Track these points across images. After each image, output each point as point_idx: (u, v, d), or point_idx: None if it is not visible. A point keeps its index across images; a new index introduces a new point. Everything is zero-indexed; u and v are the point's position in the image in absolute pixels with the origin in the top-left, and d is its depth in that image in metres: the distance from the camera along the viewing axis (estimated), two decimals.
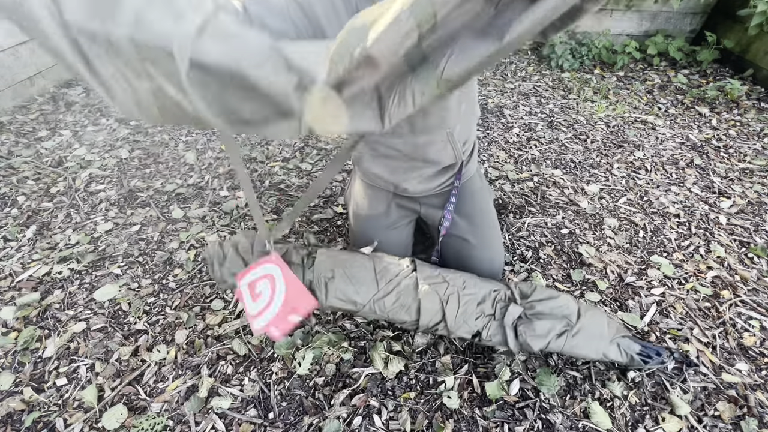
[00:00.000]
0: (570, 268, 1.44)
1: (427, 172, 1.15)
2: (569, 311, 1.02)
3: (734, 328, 1.24)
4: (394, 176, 1.16)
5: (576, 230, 1.60)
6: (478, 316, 1.02)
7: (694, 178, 1.88)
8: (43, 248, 1.51)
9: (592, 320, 1.03)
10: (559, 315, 1.02)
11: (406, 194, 1.21)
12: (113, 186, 1.84)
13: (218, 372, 1.13)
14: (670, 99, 2.56)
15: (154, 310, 1.31)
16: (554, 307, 1.02)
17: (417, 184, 1.17)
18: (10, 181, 1.82)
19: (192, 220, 1.65)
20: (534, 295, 1.06)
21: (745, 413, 1.04)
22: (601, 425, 1.01)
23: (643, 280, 1.40)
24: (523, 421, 1.02)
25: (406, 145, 1.07)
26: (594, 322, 1.03)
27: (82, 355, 1.18)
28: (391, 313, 1.04)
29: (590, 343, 1.01)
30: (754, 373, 1.13)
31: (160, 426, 1.01)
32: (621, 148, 2.11)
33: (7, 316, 1.26)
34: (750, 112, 2.38)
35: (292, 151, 2.09)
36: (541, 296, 1.05)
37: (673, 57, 2.93)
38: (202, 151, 2.08)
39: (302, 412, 1.05)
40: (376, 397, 1.08)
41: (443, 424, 1.01)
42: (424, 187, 1.19)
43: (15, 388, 1.10)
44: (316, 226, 1.62)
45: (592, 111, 2.43)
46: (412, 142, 1.06)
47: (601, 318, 1.05)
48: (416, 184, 1.17)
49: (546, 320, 1.00)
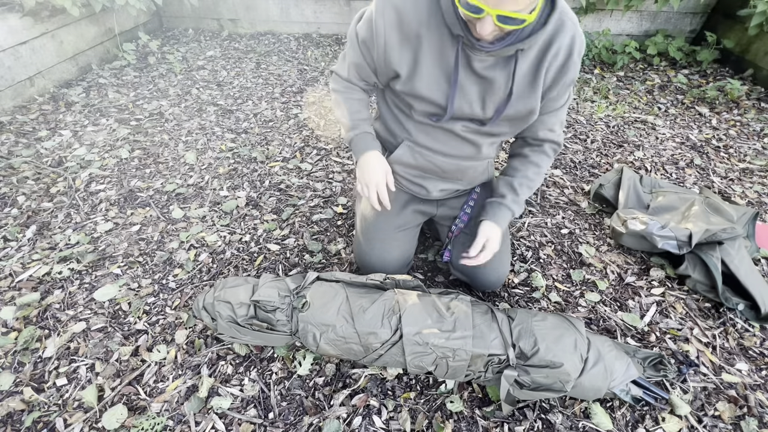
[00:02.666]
0: (570, 268, 1.44)
1: (457, 186, 1.18)
2: (568, 378, 0.93)
3: (734, 328, 1.24)
4: (421, 182, 1.17)
5: (576, 230, 1.60)
6: (467, 375, 1.01)
7: (694, 178, 1.88)
8: (43, 248, 1.51)
9: (593, 380, 0.94)
10: (554, 381, 0.93)
11: (428, 197, 1.21)
12: (113, 186, 1.84)
13: (218, 372, 1.13)
14: (670, 99, 2.56)
15: (154, 310, 1.31)
16: (555, 379, 0.93)
17: (440, 190, 1.18)
18: (10, 181, 1.82)
19: (192, 220, 1.65)
20: (534, 359, 0.94)
21: (745, 413, 1.04)
22: (601, 425, 1.01)
23: (643, 280, 1.40)
24: (523, 421, 1.02)
25: (450, 165, 1.09)
26: (594, 380, 0.94)
27: (82, 355, 1.18)
28: (381, 361, 1.04)
29: (582, 395, 0.99)
30: (754, 373, 1.13)
31: (160, 426, 1.01)
32: (621, 148, 2.11)
33: (7, 316, 1.26)
34: (750, 112, 2.38)
35: (292, 151, 2.09)
36: (541, 362, 0.94)
37: (673, 57, 2.94)
38: (202, 151, 2.08)
39: (302, 412, 1.05)
40: (376, 397, 1.08)
41: (443, 424, 1.01)
42: (447, 193, 1.20)
43: (15, 388, 1.10)
44: (316, 226, 1.62)
45: (592, 111, 2.43)
46: (456, 163, 1.09)
47: (605, 375, 0.95)
48: (440, 191, 1.18)
49: (537, 393, 0.96)
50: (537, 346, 0.94)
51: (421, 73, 0.89)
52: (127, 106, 2.47)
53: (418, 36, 0.84)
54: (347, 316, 1.00)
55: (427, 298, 1.04)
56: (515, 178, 1.08)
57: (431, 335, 0.96)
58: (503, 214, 1.07)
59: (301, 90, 2.69)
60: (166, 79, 2.80)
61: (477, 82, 0.89)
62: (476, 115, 0.95)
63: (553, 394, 0.95)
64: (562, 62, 0.85)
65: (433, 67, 0.88)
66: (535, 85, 0.88)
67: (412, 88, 0.92)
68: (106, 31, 2.94)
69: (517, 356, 0.95)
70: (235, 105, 2.51)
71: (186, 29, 3.62)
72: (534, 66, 0.86)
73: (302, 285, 1.09)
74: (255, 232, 1.60)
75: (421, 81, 0.90)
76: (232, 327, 1.05)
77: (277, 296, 1.05)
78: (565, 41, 0.82)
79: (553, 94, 0.91)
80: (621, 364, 0.98)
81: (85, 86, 2.66)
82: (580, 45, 0.84)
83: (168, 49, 3.24)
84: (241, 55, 3.17)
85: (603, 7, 2.96)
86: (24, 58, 2.38)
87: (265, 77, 2.86)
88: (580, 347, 0.95)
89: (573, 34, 0.82)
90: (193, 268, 1.44)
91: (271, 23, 3.51)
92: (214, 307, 1.06)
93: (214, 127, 2.28)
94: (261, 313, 1.05)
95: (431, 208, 1.26)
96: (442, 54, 0.86)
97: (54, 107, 2.41)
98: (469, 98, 0.91)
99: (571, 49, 0.83)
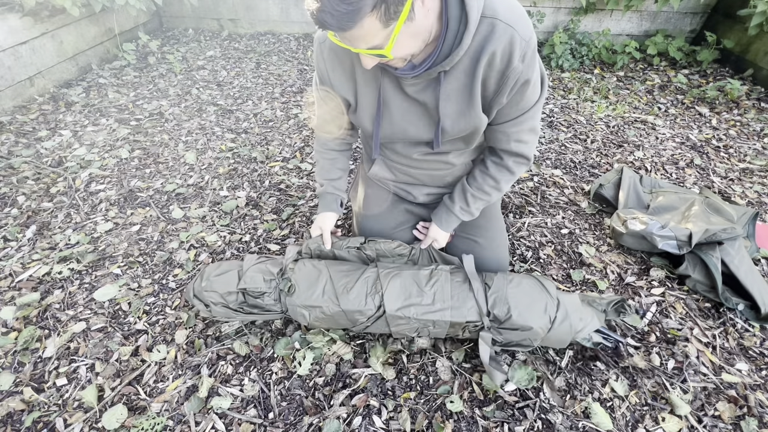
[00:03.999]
0: (570, 268, 1.44)
1: (442, 190, 1.19)
2: (537, 337, 1.03)
3: (734, 328, 1.24)
4: (406, 188, 1.21)
5: (576, 230, 1.60)
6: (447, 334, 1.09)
7: (694, 178, 1.88)
8: (43, 248, 1.51)
9: (559, 334, 1.03)
10: (523, 338, 1.04)
11: (416, 201, 1.24)
12: (113, 186, 1.84)
13: (218, 372, 1.13)
14: (670, 99, 2.56)
15: (154, 310, 1.31)
16: (524, 337, 1.03)
17: (426, 194, 1.21)
18: (10, 181, 1.82)
19: (192, 220, 1.65)
20: (506, 323, 1.02)
21: (745, 413, 1.04)
22: (601, 425, 1.01)
23: (643, 280, 1.40)
24: (523, 421, 1.02)
25: (426, 175, 1.13)
26: (560, 334, 1.03)
27: (82, 355, 1.18)
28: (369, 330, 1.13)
29: (550, 344, 1.10)
30: (754, 373, 1.13)
31: (160, 426, 1.01)
32: (621, 148, 2.11)
33: (7, 316, 1.26)
34: (750, 112, 2.38)
35: (292, 151, 2.09)
36: (513, 326, 1.02)
37: (673, 57, 2.94)
38: (202, 151, 2.08)
39: (302, 412, 1.05)
40: (376, 397, 1.08)
41: (443, 424, 1.01)
42: (434, 197, 1.22)
43: (15, 388, 1.10)
44: None
45: (592, 111, 2.43)
46: (431, 174, 1.12)
47: (571, 330, 1.03)
48: (425, 195, 1.21)
49: (510, 347, 1.08)
50: (510, 313, 1.02)
51: (361, 103, 0.93)
52: (127, 106, 2.47)
53: (353, 67, 0.87)
54: (332, 297, 1.06)
55: (407, 272, 1.09)
56: (471, 189, 1.07)
57: (412, 309, 1.03)
58: (450, 220, 1.13)
59: (301, 90, 2.69)
60: (166, 79, 2.80)
61: (412, 105, 0.89)
62: (421, 138, 0.95)
63: (522, 349, 1.08)
64: (502, 69, 0.77)
65: (369, 95, 0.90)
66: (471, 100, 0.84)
67: (356, 118, 0.97)
68: (106, 31, 2.94)
69: (491, 320, 1.04)
70: (235, 105, 2.51)
71: (186, 29, 3.62)
72: (466, 82, 0.81)
73: (285, 265, 1.14)
74: (255, 232, 1.60)
75: (363, 111, 0.93)
76: (226, 311, 1.10)
77: (262, 282, 1.09)
78: (499, 47, 0.74)
79: (502, 102, 0.84)
80: (585, 319, 1.06)
81: (85, 86, 2.66)
82: (523, 45, 0.74)
83: (168, 49, 3.24)
84: (241, 55, 3.17)
85: (603, 7, 2.96)
86: (24, 58, 2.38)
87: (265, 77, 2.86)
88: (550, 310, 1.03)
89: (510, 37, 0.73)
90: (193, 268, 1.44)
91: (271, 23, 3.51)
92: (203, 298, 1.10)
93: (214, 127, 2.28)
94: (250, 299, 1.09)
95: (422, 210, 1.27)
96: (375, 82, 0.88)
97: (54, 107, 2.41)
98: (406, 120, 0.92)
99: (509, 54, 0.75)
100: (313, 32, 3.51)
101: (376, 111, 0.92)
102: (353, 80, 0.90)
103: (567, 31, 3.02)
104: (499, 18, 0.73)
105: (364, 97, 0.91)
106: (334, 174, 1.17)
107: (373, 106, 0.92)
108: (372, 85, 0.89)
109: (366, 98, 0.91)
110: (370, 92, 0.90)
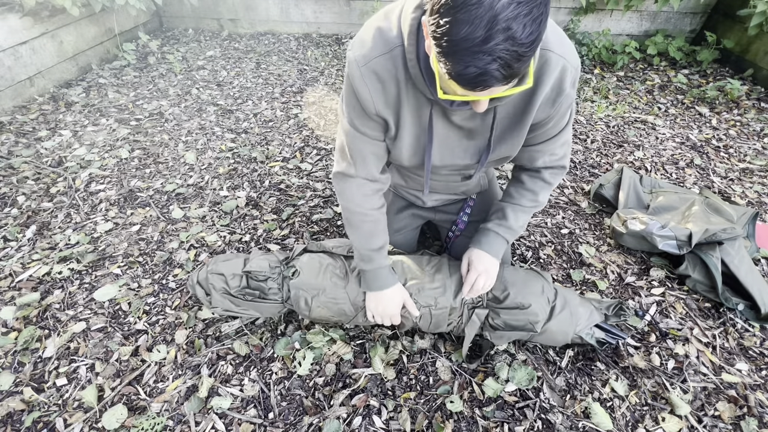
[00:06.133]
0: (570, 268, 1.44)
1: (452, 196, 1.19)
2: (537, 319, 1.01)
3: (734, 328, 1.24)
4: (415, 193, 1.20)
5: (576, 230, 1.60)
6: (449, 323, 1.08)
7: (694, 178, 1.88)
8: (43, 248, 1.51)
9: (561, 323, 1.03)
10: (524, 323, 1.02)
11: (424, 206, 1.23)
12: (113, 186, 1.84)
13: (218, 372, 1.13)
14: (670, 99, 2.56)
15: (154, 310, 1.31)
16: (525, 321, 1.01)
17: (435, 200, 1.20)
18: (10, 181, 1.82)
19: (192, 220, 1.65)
20: (504, 303, 1.03)
21: (745, 413, 1.04)
22: (601, 425, 1.01)
23: (643, 280, 1.40)
24: (523, 421, 1.02)
25: (441, 185, 1.11)
26: (562, 324, 1.03)
27: (82, 355, 1.18)
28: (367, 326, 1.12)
29: (551, 341, 1.09)
30: (754, 373, 1.13)
31: (160, 426, 1.01)
32: (621, 148, 2.11)
33: (7, 316, 1.26)
34: (750, 112, 2.38)
35: (292, 151, 2.09)
36: (511, 304, 1.02)
37: (673, 57, 2.94)
38: (202, 151, 2.08)
39: (302, 412, 1.05)
40: (376, 397, 1.08)
41: (443, 424, 1.01)
42: (442, 201, 1.21)
43: (15, 388, 1.10)
44: (316, 226, 1.62)
45: (592, 111, 2.43)
46: (446, 185, 1.10)
47: (572, 319, 1.04)
48: (435, 200, 1.20)
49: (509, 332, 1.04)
50: (507, 291, 1.03)
51: (401, 134, 0.85)
52: (127, 106, 2.47)
53: (398, 95, 0.78)
54: (337, 280, 1.07)
55: (408, 258, 1.13)
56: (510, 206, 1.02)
57: (414, 286, 1.05)
58: (499, 243, 1.02)
59: (301, 90, 2.69)
60: (166, 79, 2.80)
61: (457, 132, 0.86)
62: (459, 163, 0.92)
63: (525, 334, 1.04)
64: (553, 98, 0.78)
65: (414, 126, 0.84)
66: (519, 128, 0.83)
67: (393, 149, 0.89)
68: (106, 31, 2.94)
69: (489, 300, 1.05)
70: (235, 105, 2.51)
71: (186, 29, 3.62)
72: (519, 110, 0.81)
73: (291, 256, 1.15)
74: (255, 232, 1.60)
75: (403, 141, 0.86)
76: (226, 298, 1.09)
77: (267, 267, 1.11)
78: (552, 79, 0.74)
79: (548, 126, 0.85)
80: (585, 310, 1.07)
81: (85, 86, 2.66)
82: (573, 73, 0.75)
83: (168, 49, 3.24)
84: (241, 55, 3.17)
85: (603, 7, 2.96)
86: (24, 58, 2.38)
87: (265, 77, 2.86)
88: (547, 292, 1.05)
89: (561, 67, 0.73)
90: (193, 268, 1.44)
91: (271, 23, 3.51)
92: (207, 281, 1.10)
93: (214, 127, 2.28)
94: (253, 282, 1.10)
95: (429, 213, 1.28)
96: (420, 112, 0.81)
97: (54, 107, 2.41)
98: (450, 149, 0.89)
99: (561, 84, 0.75)
100: (312, 32, 3.52)
101: (426, 143, 0.85)
102: (397, 108, 0.81)
103: (567, 31, 3.02)
104: (551, 49, 0.71)
105: (405, 129, 0.83)
106: (380, 239, 0.99)
107: (414, 138, 0.85)
108: (417, 113, 0.81)
109: (407, 130, 0.84)
110: (413, 124, 0.83)
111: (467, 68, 0.52)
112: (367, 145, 0.87)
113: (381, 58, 0.73)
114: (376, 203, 0.96)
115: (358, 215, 0.95)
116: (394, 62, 0.73)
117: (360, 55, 0.74)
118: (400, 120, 0.82)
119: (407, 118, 0.82)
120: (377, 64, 0.73)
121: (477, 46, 0.50)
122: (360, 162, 0.89)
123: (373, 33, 0.73)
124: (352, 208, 0.95)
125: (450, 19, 0.50)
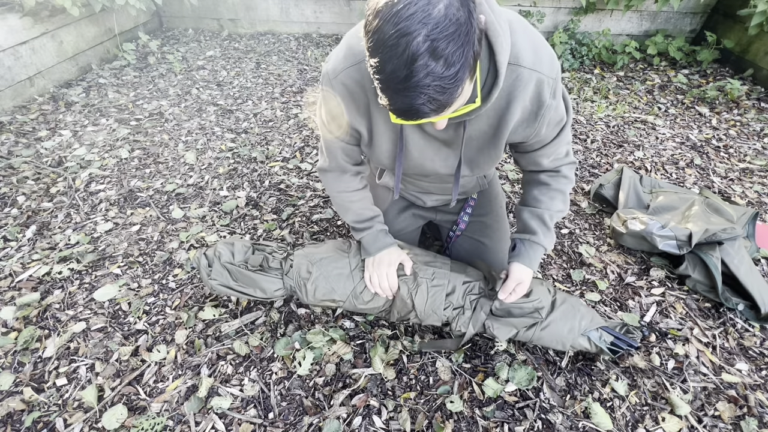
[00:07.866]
0: (570, 268, 1.44)
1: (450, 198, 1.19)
2: (541, 305, 1.03)
3: (734, 328, 1.24)
4: (415, 194, 1.21)
5: (576, 230, 1.60)
6: (446, 307, 1.06)
7: (694, 178, 1.88)
8: (43, 248, 1.51)
9: (564, 315, 1.04)
10: (529, 310, 1.03)
11: (424, 206, 1.24)
12: (113, 186, 1.84)
13: (218, 372, 1.13)
14: (670, 99, 2.56)
15: (154, 310, 1.31)
16: (526, 305, 1.02)
17: (435, 200, 1.21)
18: (10, 181, 1.82)
19: (192, 220, 1.65)
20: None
21: (745, 413, 1.04)
22: (601, 425, 1.01)
23: (643, 280, 1.40)
24: (523, 421, 1.02)
25: (437, 188, 1.13)
26: (566, 316, 1.03)
27: (82, 355, 1.18)
28: (368, 306, 1.11)
29: (558, 337, 1.05)
30: (754, 373, 1.13)
31: (160, 426, 1.01)
32: (621, 148, 2.11)
33: (7, 316, 1.26)
34: (750, 112, 2.38)
35: (292, 151, 2.09)
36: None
37: (673, 57, 2.93)
38: (202, 151, 2.08)
39: (302, 412, 1.05)
40: (376, 397, 1.08)
41: (443, 424, 1.01)
42: (442, 201, 1.22)
43: (15, 388, 1.10)
44: (316, 226, 1.62)
45: (592, 111, 2.43)
46: (442, 187, 1.11)
47: (574, 312, 1.04)
48: (435, 200, 1.21)
49: (514, 319, 1.03)
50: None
51: (377, 140, 0.88)
52: (127, 106, 2.47)
53: (368, 105, 0.81)
54: (341, 252, 1.12)
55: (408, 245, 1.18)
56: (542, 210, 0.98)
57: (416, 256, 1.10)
58: (537, 252, 0.99)
59: (301, 90, 2.69)
60: (166, 79, 2.80)
61: (433, 142, 0.87)
62: (440, 172, 0.95)
63: (530, 321, 1.03)
64: (534, 111, 0.78)
65: (386, 134, 0.86)
66: (495, 142, 0.84)
67: (371, 153, 0.93)
68: (106, 31, 2.94)
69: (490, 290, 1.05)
70: (235, 105, 2.51)
71: (186, 29, 3.62)
72: (493, 125, 0.81)
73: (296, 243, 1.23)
74: (255, 232, 1.60)
75: (379, 147, 0.89)
76: (225, 269, 1.10)
77: (276, 246, 1.19)
78: (526, 94, 0.74)
79: (540, 137, 0.85)
80: (586, 309, 1.07)
81: (85, 86, 2.66)
82: (552, 84, 0.74)
83: (168, 49, 3.24)
84: (241, 55, 3.17)
85: (603, 7, 2.96)
86: (24, 58, 2.38)
87: (265, 77, 2.86)
88: (547, 285, 1.08)
89: (536, 80, 0.72)
90: (192, 268, 1.44)
91: (271, 23, 3.51)
92: (216, 251, 1.13)
93: (214, 127, 2.28)
94: (258, 254, 1.13)
95: (430, 213, 1.28)
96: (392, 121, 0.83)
97: (54, 107, 2.41)
98: (430, 158, 0.90)
99: (539, 97, 0.75)
100: (312, 32, 3.52)
101: (398, 151, 0.87)
102: (368, 117, 0.84)
103: (567, 31, 3.02)
104: (522, 65, 0.71)
105: (380, 136, 0.87)
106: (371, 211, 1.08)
107: (392, 144, 0.88)
108: (390, 124, 0.84)
109: (383, 137, 0.87)
110: (387, 131, 0.85)
111: (397, 103, 0.55)
112: (339, 149, 0.95)
113: (350, 69, 0.75)
114: (356, 185, 1.05)
115: (343, 197, 1.05)
116: (362, 73, 0.75)
117: (331, 68, 0.78)
118: (374, 127, 0.86)
119: (380, 125, 0.85)
120: (346, 76, 0.76)
121: (401, 83, 0.52)
122: (332, 159, 0.99)
123: (345, 46, 0.76)
124: (336, 195, 1.06)
125: (377, 59, 0.52)
